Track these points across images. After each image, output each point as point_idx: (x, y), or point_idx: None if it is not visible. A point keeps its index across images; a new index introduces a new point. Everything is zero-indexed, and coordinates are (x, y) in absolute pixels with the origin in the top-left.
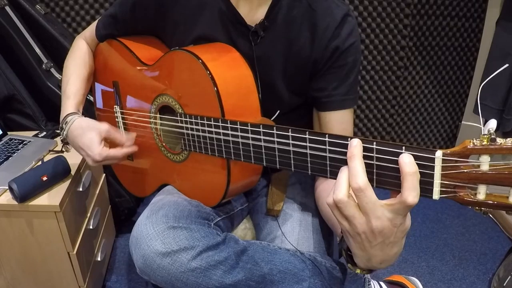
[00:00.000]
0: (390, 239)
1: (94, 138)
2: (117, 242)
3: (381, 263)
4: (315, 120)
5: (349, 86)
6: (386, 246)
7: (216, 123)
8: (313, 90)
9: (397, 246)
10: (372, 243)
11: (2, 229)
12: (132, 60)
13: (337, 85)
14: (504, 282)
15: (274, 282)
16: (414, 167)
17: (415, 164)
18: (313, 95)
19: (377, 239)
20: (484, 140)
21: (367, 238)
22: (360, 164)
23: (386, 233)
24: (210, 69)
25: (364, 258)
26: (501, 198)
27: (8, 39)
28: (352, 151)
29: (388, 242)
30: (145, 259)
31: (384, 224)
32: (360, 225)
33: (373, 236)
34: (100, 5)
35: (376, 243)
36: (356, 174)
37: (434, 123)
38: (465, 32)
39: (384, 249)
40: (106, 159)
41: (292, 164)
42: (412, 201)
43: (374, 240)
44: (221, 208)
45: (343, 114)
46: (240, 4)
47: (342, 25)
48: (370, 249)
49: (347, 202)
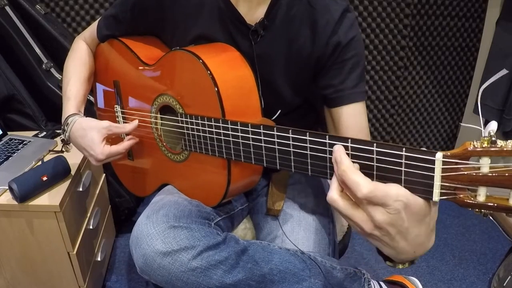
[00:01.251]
0: (404, 226)
1: (95, 137)
2: (117, 242)
3: (414, 251)
4: (328, 119)
5: (356, 80)
6: (406, 234)
7: (216, 123)
8: (320, 88)
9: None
10: (391, 235)
11: (2, 229)
12: (133, 60)
13: (344, 80)
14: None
15: (274, 282)
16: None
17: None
18: (321, 93)
19: (391, 231)
20: (485, 142)
21: (382, 234)
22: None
23: (393, 223)
24: (210, 69)
25: (393, 253)
26: (501, 200)
27: (8, 39)
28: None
29: (404, 229)
30: (146, 258)
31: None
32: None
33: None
34: (100, 5)
35: (394, 235)
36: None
37: (434, 123)
38: (465, 32)
39: (407, 238)
40: (109, 157)
41: (293, 165)
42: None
43: (388, 234)
44: (221, 208)
45: (354, 108)
46: (240, 3)
47: (341, 20)
48: (393, 243)
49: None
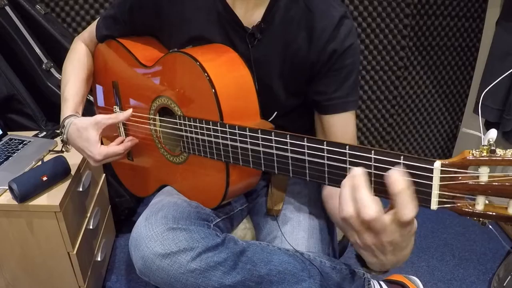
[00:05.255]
0: (400, 245)
1: (90, 135)
2: (117, 242)
3: (395, 264)
4: (317, 124)
5: (349, 89)
6: (398, 251)
7: (214, 127)
8: (313, 93)
9: (409, 246)
10: (384, 251)
11: (2, 229)
12: (131, 61)
13: (337, 88)
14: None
15: (274, 283)
16: (401, 184)
17: (403, 179)
18: (313, 99)
19: (388, 249)
20: (484, 151)
21: (378, 249)
22: (368, 194)
23: (396, 242)
24: (207, 71)
25: (378, 264)
26: (500, 209)
27: (8, 39)
28: (356, 182)
29: (399, 247)
30: (145, 260)
31: (394, 236)
32: (370, 238)
33: (383, 247)
34: (100, 5)
35: (388, 251)
36: (367, 205)
37: (434, 123)
38: (465, 32)
39: (396, 254)
40: (107, 157)
41: (291, 170)
42: (408, 218)
43: (385, 250)
44: (220, 208)
45: (345, 117)
46: (237, 5)
47: (339, 27)
48: (382, 256)
49: (355, 218)
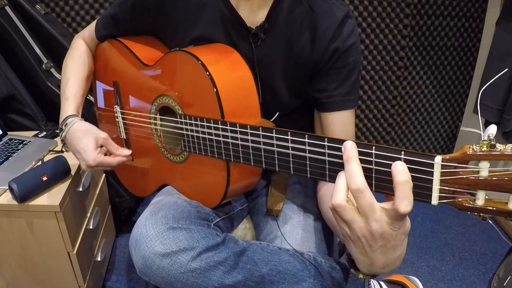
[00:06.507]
0: (391, 243)
1: (91, 143)
2: (117, 242)
3: (384, 267)
4: (316, 122)
5: (349, 87)
6: (388, 250)
7: (215, 125)
8: (313, 91)
9: (399, 249)
10: (373, 247)
11: (2, 229)
12: (132, 60)
13: (338, 86)
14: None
15: (274, 283)
16: (405, 176)
17: (408, 172)
18: (313, 96)
19: (378, 243)
20: (484, 146)
21: (368, 242)
22: (357, 165)
23: (386, 236)
24: (209, 70)
25: (366, 263)
26: (500, 204)
27: (8, 39)
28: (348, 154)
29: (390, 245)
30: (145, 260)
31: (384, 227)
32: (360, 229)
33: (373, 239)
34: (100, 5)
35: (377, 247)
36: (354, 176)
37: (434, 123)
38: (465, 32)
39: (386, 253)
40: (99, 165)
41: (291, 167)
42: (404, 210)
43: (375, 244)
44: (220, 208)
45: (344, 115)
46: (241, 5)
47: (342, 26)
48: (372, 253)
49: (345, 206)
